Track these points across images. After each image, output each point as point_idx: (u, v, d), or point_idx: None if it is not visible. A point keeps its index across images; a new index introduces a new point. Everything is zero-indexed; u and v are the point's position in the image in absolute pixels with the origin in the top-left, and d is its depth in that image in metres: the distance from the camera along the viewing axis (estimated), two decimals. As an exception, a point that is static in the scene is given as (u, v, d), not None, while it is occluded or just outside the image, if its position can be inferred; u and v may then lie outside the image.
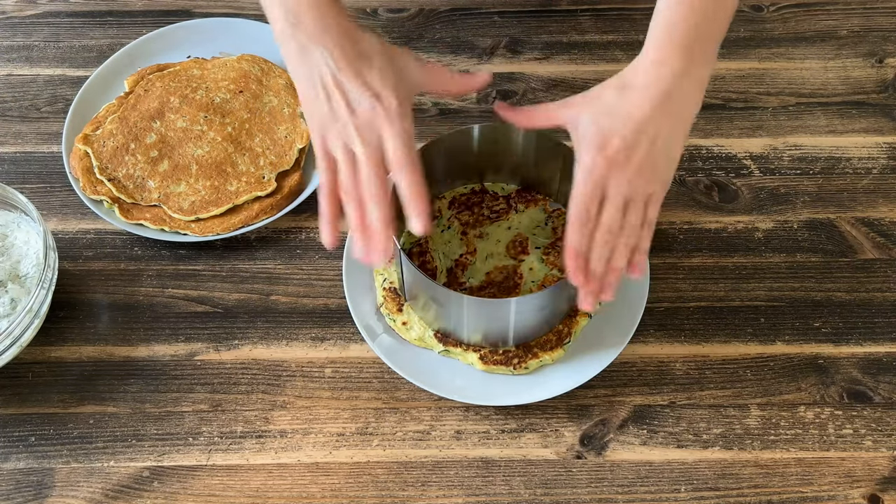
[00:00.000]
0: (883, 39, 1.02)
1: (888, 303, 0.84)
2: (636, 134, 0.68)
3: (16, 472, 0.77)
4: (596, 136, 0.69)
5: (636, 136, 0.68)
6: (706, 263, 0.87)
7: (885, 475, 0.76)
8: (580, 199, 0.68)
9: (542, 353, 0.79)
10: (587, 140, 0.69)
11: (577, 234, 0.69)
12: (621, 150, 0.68)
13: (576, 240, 0.69)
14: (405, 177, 0.67)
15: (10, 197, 0.83)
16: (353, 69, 0.68)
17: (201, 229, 0.88)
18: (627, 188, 0.69)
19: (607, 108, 0.70)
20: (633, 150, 0.68)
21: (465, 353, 0.79)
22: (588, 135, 0.69)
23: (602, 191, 0.69)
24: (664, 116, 0.69)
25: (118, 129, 0.92)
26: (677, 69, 0.69)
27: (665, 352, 0.82)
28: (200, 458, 0.77)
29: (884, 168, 0.93)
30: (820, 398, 0.80)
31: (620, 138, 0.68)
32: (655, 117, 0.69)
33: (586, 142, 0.69)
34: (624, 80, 0.71)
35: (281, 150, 0.92)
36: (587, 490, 0.76)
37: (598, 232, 0.69)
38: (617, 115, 0.69)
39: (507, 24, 1.05)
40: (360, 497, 0.76)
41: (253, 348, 0.83)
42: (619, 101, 0.70)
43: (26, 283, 0.82)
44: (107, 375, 0.82)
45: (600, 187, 0.69)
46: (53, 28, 1.05)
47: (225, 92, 0.95)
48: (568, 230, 0.69)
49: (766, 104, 0.97)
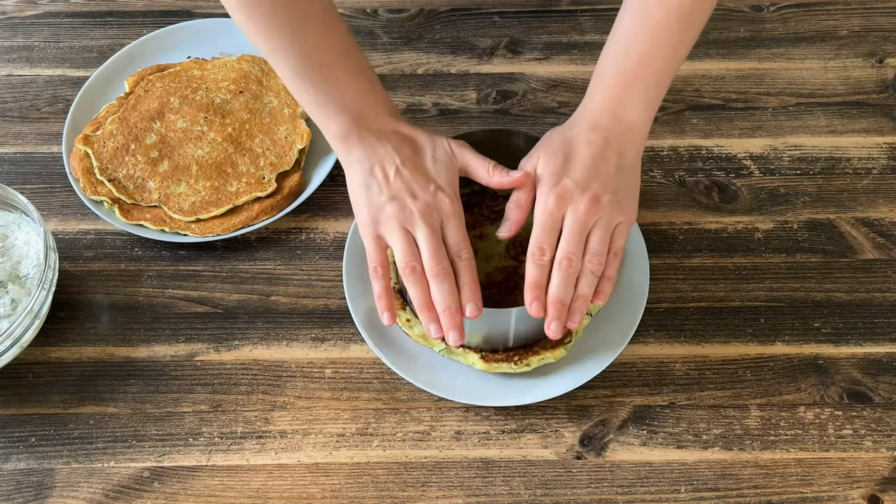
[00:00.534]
0: (883, 39, 1.02)
1: (888, 303, 0.84)
2: (585, 171, 0.72)
3: (16, 472, 0.77)
4: (549, 180, 0.73)
5: (585, 173, 0.72)
6: (706, 264, 0.87)
7: (885, 475, 0.76)
8: (535, 237, 0.72)
9: (544, 350, 0.79)
10: (542, 185, 0.73)
11: (533, 267, 0.71)
12: (572, 188, 0.72)
13: (533, 273, 0.71)
14: (466, 264, 0.72)
15: (11, 197, 0.83)
16: (416, 164, 0.74)
17: (201, 230, 0.88)
18: (585, 217, 0.72)
19: (554, 152, 0.74)
20: (585, 186, 0.72)
21: (465, 352, 0.79)
22: (543, 179, 0.73)
23: (559, 224, 0.72)
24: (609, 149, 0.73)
25: (118, 129, 0.92)
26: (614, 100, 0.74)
27: (665, 352, 0.82)
28: (200, 459, 0.78)
29: (884, 168, 0.93)
30: (820, 398, 0.80)
31: (570, 178, 0.72)
32: (600, 151, 0.73)
33: (542, 186, 0.73)
34: (570, 123, 0.76)
35: (281, 151, 0.92)
36: (587, 490, 0.76)
37: (556, 262, 0.71)
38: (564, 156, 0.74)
39: (507, 24, 1.05)
40: (360, 497, 0.76)
41: (253, 349, 0.83)
42: (565, 142, 0.75)
43: (27, 284, 0.82)
44: (107, 376, 0.82)
45: (556, 223, 0.72)
46: (54, 28, 1.05)
47: (225, 92, 0.95)
48: (526, 266, 0.72)
49: (766, 104, 0.97)
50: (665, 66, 0.75)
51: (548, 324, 0.71)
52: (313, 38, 0.74)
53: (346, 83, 0.75)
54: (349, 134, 0.75)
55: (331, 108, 0.75)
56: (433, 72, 1.01)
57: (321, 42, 0.75)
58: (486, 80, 1.00)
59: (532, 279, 0.71)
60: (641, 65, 0.74)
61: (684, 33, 0.75)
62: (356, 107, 0.75)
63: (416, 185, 0.73)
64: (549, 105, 0.98)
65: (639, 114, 0.75)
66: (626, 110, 0.74)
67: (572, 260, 0.71)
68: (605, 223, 0.72)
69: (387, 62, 1.02)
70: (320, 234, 0.90)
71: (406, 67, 1.02)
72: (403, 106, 0.98)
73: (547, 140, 0.76)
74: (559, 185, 0.72)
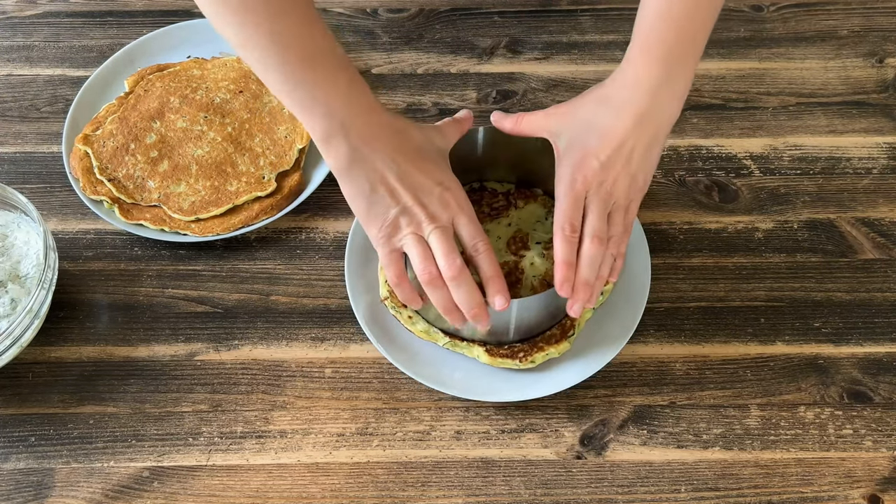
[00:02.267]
0: (883, 39, 1.02)
1: (888, 303, 0.84)
2: (613, 152, 0.72)
3: (16, 472, 0.77)
4: (575, 154, 0.72)
5: (613, 154, 0.72)
6: (706, 263, 0.87)
7: (885, 475, 0.76)
8: (563, 214, 0.72)
9: (548, 346, 0.79)
10: (567, 158, 0.73)
11: (565, 246, 0.71)
12: (598, 169, 0.72)
13: (564, 250, 0.71)
14: (484, 256, 0.72)
15: (10, 197, 0.83)
16: (415, 165, 0.71)
17: (201, 229, 0.88)
18: (608, 200, 0.72)
19: (586, 125, 0.73)
20: (609, 167, 0.72)
21: (470, 346, 0.79)
22: (568, 152, 0.73)
23: (583, 203, 0.72)
24: (641, 131, 0.72)
25: (118, 129, 0.92)
26: (654, 85, 0.72)
27: (665, 352, 0.82)
28: (200, 459, 0.77)
29: (884, 168, 0.93)
30: (820, 398, 0.80)
31: (597, 159, 0.72)
32: (631, 133, 0.72)
33: (566, 159, 0.73)
34: (603, 94, 0.74)
35: (281, 151, 0.92)
36: (587, 490, 0.76)
37: (584, 244, 0.72)
38: (594, 132, 0.72)
39: (507, 24, 1.05)
40: (360, 497, 0.76)
41: (253, 348, 0.83)
42: (597, 117, 0.73)
43: (26, 284, 0.82)
44: (107, 375, 0.82)
45: (581, 201, 0.72)
46: (53, 28, 1.05)
47: (225, 92, 0.95)
48: (555, 244, 0.72)
49: (766, 104, 0.97)
50: (703, 38, 0.73)
51: (571, 305, 0.72)
52: (291, 29, 0.68)
53: (329, 80, 0.69)
54: (334, 136, 0.70)
55: (315, 108, 0.69)
56: (433, 71, 1.01)
57: (301, 33, 0.68)
58: (486, 79, 1.00)
59: (563, 257, 0.71)
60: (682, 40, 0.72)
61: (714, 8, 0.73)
62: (342, 106, 0.69)
63: (421, 190, 0.71)
64: (548, 105, 0.97)
65: (679, 97, 0.74)
66: (666, 92, 0.73)
67: (602, 239, 0.71)
68: (623, 203, 0.73)
69: (387, 62, 1.02)
70: (320, 233, 0.90)
71: (406, 67, 1.02)
72: (403, 105, 0.98)
73: (581, 106, 0.74)
74: (586, 166, 0.72)
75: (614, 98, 0.73)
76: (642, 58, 0.72)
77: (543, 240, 0.84)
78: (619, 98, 0.73)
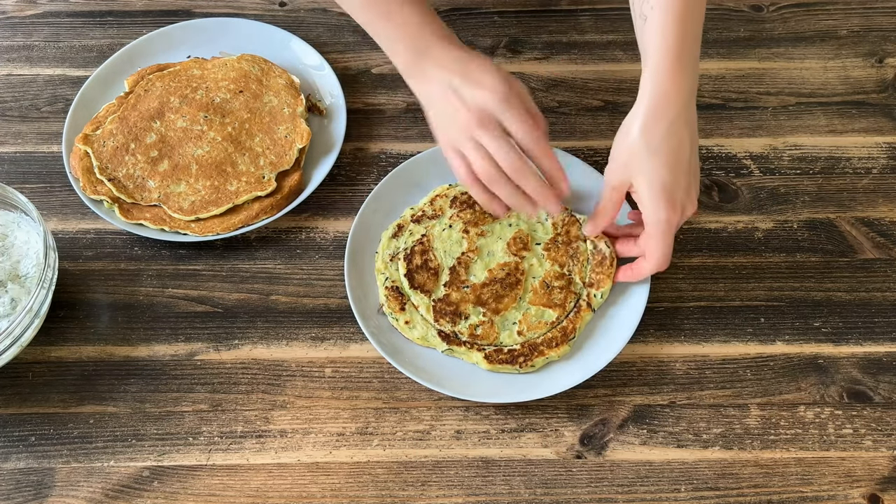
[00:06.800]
0: (883, 39, 1.02)
1: (888, 303, 0.84)
2: (686, 175, 0.75)
3: (16, 471, 0.77)
4: (661, 195, 0.74)
5: (686, 176, 0.76)
6: (706, 263, 0.87)
7: (885, 475, 0.76)
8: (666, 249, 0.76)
9: (549, 350, 0.79)
10: (654, 200, 0.75)
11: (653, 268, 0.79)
12: (683, 196, 0.75)
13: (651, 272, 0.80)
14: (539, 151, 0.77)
15: (10, 197, 0.83)
16: (470, 80, 0.78)
17: (201, 229, 0.88)
18: None
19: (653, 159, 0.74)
20: (689, 187, 0.76)
21: (468, 351, 0.79)
22: (653, 196, 0.75)
23: None
24: (691, 137, 0.76)
25: (118, 128, 0.92)
26: (686, 88, 0.74)
27: (665, 352, 0.82)
28: (200, 458, 0.77)
29: (884, 168, 0.93)
30: (820, 398, 0.80)
31: (680, 188, 0.75)
32: (686, 144, 0.75)
33: (654, 203, 0.75)
34: (651, 114, 0.75)
35: (281, 150, 0.92)
36: (587, 490, 0.76)
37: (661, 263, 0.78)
38: (664, 162, 0.74)
39: (507, 24, 1.05)
40: (360, 497, 0.76)
41: (253, 348, 0.83)
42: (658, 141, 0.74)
43: (26, 283, 0.82)
44: (107, 375, 0.82)
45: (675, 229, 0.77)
46: (53, 28, 1.05)
47: (225, 92, 0.95)
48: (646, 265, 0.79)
49: (766, 104, 0.97)
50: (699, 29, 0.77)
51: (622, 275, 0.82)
52: None
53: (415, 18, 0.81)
54: (414, 66, 0.81)
55: (399, 43, 0.82)
56: (433, 71, 1.01)
57: None
58: (486, 79, 1.00)
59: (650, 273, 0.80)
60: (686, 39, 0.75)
61: None
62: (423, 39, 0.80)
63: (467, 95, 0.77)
64: (549, 105, 0.98)
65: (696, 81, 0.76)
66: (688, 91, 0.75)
67: None
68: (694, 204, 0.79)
69: (387, 62, 1.01)
70: (320, 233, 0.90)
71: (406, 67, 1.01)
72: (403, 106, 0.98)
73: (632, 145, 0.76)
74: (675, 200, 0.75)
75: (663, 116, 0.74)
76: (672, 67, 0.74)
77: (544, 241, 0.84)
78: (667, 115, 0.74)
